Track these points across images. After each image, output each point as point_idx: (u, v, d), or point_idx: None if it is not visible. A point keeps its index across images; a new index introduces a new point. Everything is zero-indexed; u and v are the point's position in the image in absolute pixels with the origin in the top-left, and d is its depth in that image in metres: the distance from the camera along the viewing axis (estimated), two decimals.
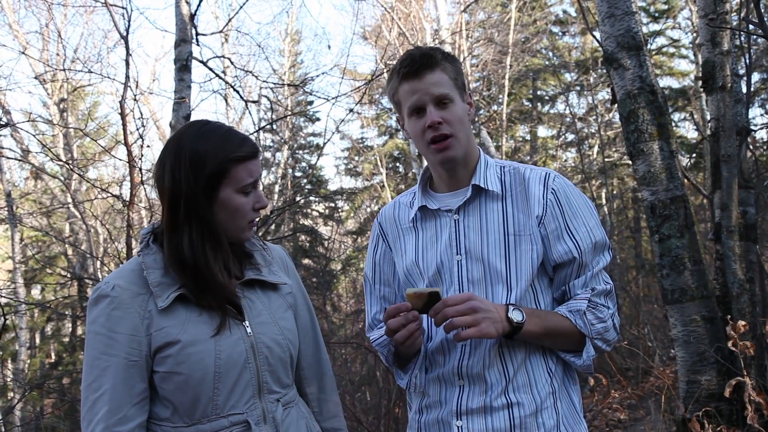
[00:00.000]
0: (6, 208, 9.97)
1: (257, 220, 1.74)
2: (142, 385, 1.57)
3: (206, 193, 1.60)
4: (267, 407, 1.64)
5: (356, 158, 19.50)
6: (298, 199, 15.22)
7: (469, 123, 1.85)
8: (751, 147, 5.42)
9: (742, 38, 5.06)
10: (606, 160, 13.37)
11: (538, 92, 17.22)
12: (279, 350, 1.67)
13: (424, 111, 1.77)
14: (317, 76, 25.36)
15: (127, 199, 4.74)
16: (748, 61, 5.02)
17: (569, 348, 1.78)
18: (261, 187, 1.80)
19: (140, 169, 4.76)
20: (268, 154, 18.74)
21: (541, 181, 1.80)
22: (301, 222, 18.23)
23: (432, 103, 1.76)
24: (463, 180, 1.85)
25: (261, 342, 1.64)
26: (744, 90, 5.02)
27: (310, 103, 18.01)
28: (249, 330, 1.63)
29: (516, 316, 1.67)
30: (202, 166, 1.59)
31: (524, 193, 1.80)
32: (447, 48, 10.98)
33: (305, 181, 18.22)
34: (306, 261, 16.25)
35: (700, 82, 5.19)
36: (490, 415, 1.72)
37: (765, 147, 11.89)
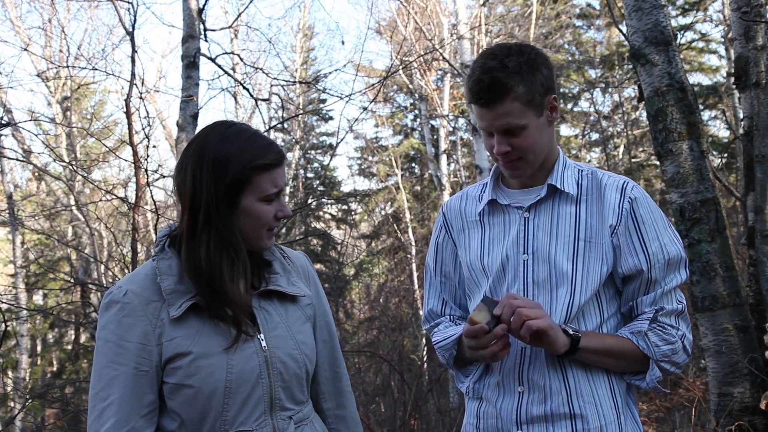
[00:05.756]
0: (7, 211, 10.00)
1: (277, 228, 1.70)
2: (151, 396, 1.54)
3: (227, 201, 1.57)
4: (278, 425, 1.59)
5: (370, 158, 19.40)
6: (309, 201, 15.21)
7: (550, 129, 1.80)
8: None
9: None
10: (632, 160, 13.23)
11: (561, 89, 17.03)
12: (294, 366, 1.63)
13: (493, 135, 1.73)
14: (330, 73, 25.22)
15: (133, 201, 4.71)
16: None
17: (634, 369, 1.75)
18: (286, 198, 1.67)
19: (146, 171, 4.78)
20: None
21: (618, 188, 1.76)
22: (312, 225, 18.23)
23: (500, 133, 1.71)
24: (538, 178, 1.81)
25: (276, 357, 1.60)
26: None
27: (323, 101, 17.98)
28: (264, 344, 1.60)
29: (571, 329, 1.65)
30: (223, 173, 1.55)
31: (600, 200, 1.77)
32: (465, 44, 10.64)
33: (317, 182, 18.22)
34: (318, 266, 16.21)
35: (732, 79, 5.08)
36: (551, 424, 1.69)
37: None
